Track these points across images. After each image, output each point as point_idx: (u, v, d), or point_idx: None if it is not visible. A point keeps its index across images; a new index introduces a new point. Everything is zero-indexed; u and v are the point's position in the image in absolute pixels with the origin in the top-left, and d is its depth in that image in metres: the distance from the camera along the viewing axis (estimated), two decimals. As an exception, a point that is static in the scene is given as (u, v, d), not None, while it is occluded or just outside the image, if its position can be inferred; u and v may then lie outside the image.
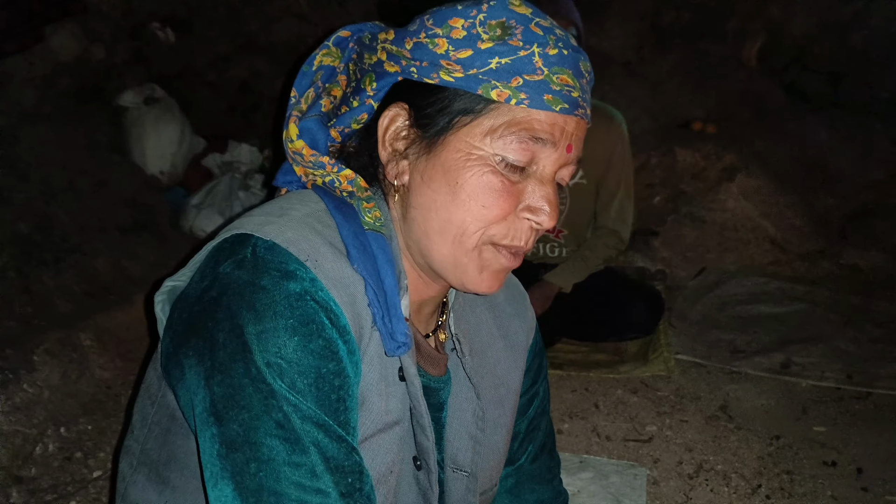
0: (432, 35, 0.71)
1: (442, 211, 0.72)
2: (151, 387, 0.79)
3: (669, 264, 2.99)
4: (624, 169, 2.32)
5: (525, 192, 0.72)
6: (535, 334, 0.98)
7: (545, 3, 2.16)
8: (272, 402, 0.62)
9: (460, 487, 0.83)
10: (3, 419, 1.61)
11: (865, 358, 2.25)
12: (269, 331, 0.63)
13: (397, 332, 0.70)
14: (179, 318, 0.69)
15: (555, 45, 0.70)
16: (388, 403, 0.74)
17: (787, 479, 1.66)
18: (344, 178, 0.75)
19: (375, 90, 0.75)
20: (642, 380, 2.12)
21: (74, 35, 2.48)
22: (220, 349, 0.64)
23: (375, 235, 0.72)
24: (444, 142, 0.71)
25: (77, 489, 1.58)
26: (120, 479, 0.83)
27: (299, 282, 0.65)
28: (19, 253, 2.07)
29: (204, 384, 0.65)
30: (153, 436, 0.78)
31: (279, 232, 0.67)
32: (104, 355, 2.00)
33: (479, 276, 0.74)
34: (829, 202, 3.14)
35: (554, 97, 0.69)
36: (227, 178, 2.84)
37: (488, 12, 0.70)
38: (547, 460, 1.01)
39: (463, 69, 0.69)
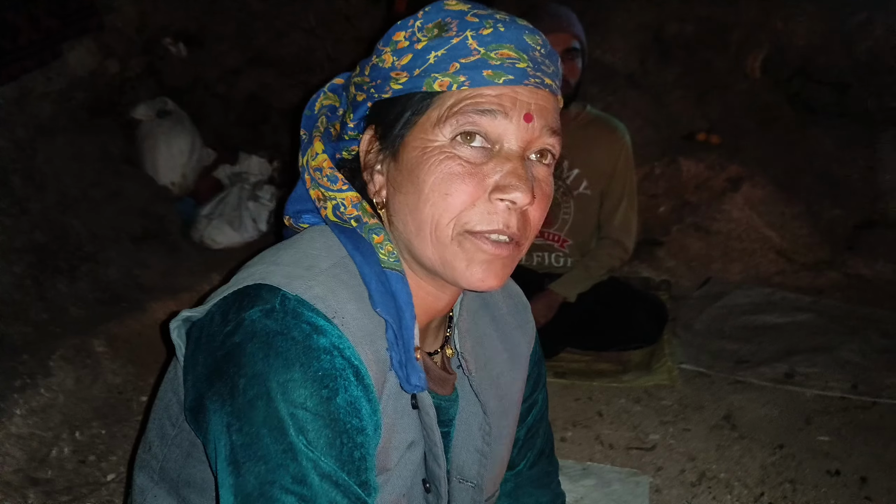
0: (380, 52, 0.74)
1: (414, 211, 0.71)
2: (171, 408, 0.79)
3: (674, 274, 2.99)
4: (627, 179, 2.35)
5: (491, 172, 0.70)
6: (535, 344, 0.99)
7: (548, 18, 2.21)
8: (291, 455, 0.61)
9: (466, 498, 0.85)
10: (21, 422, 1.65)
11: (871, 368, 2.25)
12: (295, 381, 0.62)
13: (412, 377, 0.70)
14: (203, 362, 0.69)
15: (491, 26, 0.69)
16: (404, 431, 0.75)
17: (789, 488, 1.67)
18: (349, 202, 0.75)
19: (353, 121, 0.78)
20: (646, 389, 2.13)
21: (90, 51, 2.54)
22: (240, 395, 0.63)
23: (394, 275, 0.72)
24: (403, 144, 0.73)
25: (91, 491, 1.62)
26: (138, 491, 0.84)
27: (329, 337, 0.65)
28: (36, 261, 2.13)
29: (225, 431, 0.64)
30: (173, 456, 0.79)
31: (307, 288, 0.68)
32: (116, 361, 2.04)
33: (468, 269, 0.71)
34: (834, 212, 3.14)
35: (495, 71, 0.69)
36: (237, 188, 2.89)
37: (424, 17, 0.72)
38: (545, 465, 1.03)
39: (407, 73, 0.71)
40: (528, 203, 0.70)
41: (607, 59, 3.41)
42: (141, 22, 2.84)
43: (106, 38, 2.64)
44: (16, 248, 2.09)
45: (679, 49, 3.45)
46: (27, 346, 1.91)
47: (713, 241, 3.08)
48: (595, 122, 2.35)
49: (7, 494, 1.54)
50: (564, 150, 2.51)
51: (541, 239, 2.38)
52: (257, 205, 2.87)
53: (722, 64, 3.43)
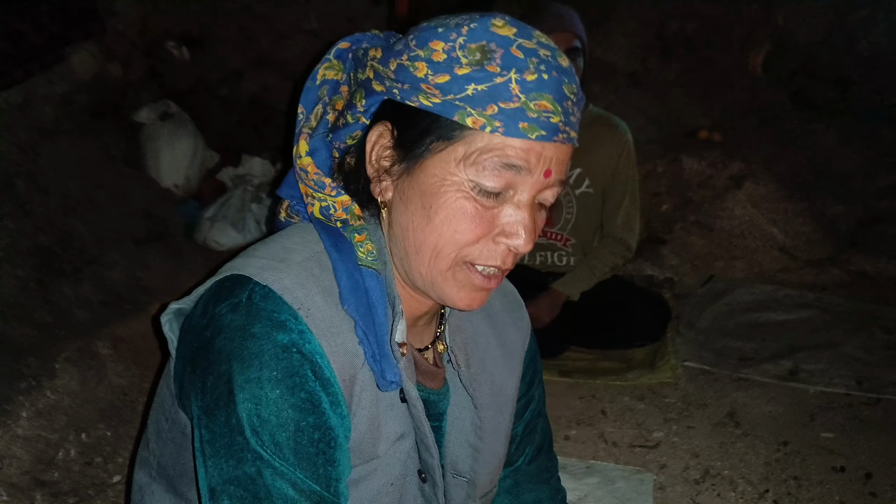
0: (414, 57, 0.71)
1: (418, 232, 0.73)
2: (164, 402, 0.82)
3: (677, 272, 2.99)
4: (629, 178, 2.35)
5: (500, 216, 0.73)
6: (530, 340, 1.00)
7: (549, 17, 2.21)
8: (247, 455, 0.66)
9: (461, 493, 0.86)
10: (27, 424, 1.66)
11: (875, 364, 2.24)
12: (253, 381, 0.66)
13: (387, 371, 0.73)
14: (184, 351, 0.74)
15: (535, 69, 0.68)
16: (393, 422, 0.77)
17: (794, 485, 1.67)
18: (339, 205, 0.77)
19: (364, 107, 0.76)
20: (649, 387, 2.13)
21: (92, 54, 2.55)
22: (208, 392, 0.68)
23: (369, 272, 0.74)
24: (422, 165, 0.72)
25: (97, 493, 1.63)
26: (136, 488, 0.87)
27: (288, 333, 0.68)
28: (40, 264, 2.13)
29: (197, 423, 0.70)
30: (168, 450, 0.81)
31: (277, 279, 0.70)
32: (121, 363, 2.05)
33: (457, 294, 0.75)
34: (837, 209, 3.13)
35: (530, 125, 0.68)
36: (240, 191, 2.90)
37: (468, 35, 0.69)
38: (544, 461, 1.04)
39: (441, 94, 0.69)
40: (527, 250, 0.74)
41: (609, 58, 3.40)
42: (143, 25, 2.85)
43: (108, 42, 2.66)
44: (20, 252, 2.10)
45: (680, 47, 3.44)
46: (32, 349, 1.92)
47: (716, 238, 3.07)
48: (597, 121, 2.35)
49: (14, 496, 1.55)
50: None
51: (543, 238, 2.39)
52: (260, 206, 2.88)
53: (724, 61, 3.43)
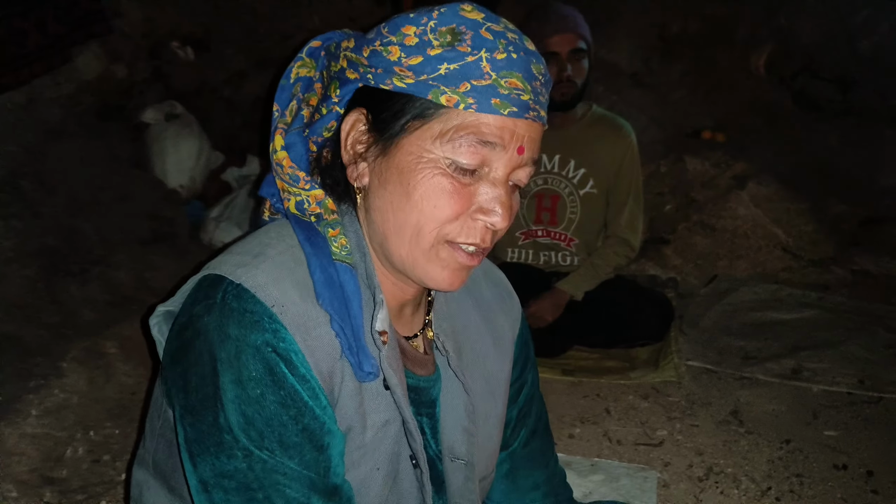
0: (387, 43, 0.73)
1: (398, 212, 0.74)
2: (157, 401, 0.85)
3: (681, 272, 3.00)
4: (633, 178, 2.36)
5: (477, 193, 0.74)
6: (520, 326, 1.01)
7: (555, 18, 2.22)
8: (236, 452, 0.69)
9: (459, 476, 0.88)
10: (36, 422, 1.68)
11: (877, 363, 2.25)
12: (235, 381, 0.68)
13: (363, 363, 0.74)
14: (168, 350, 0.75)
15: (504, 49, 0.71)
16: (379, 409, 0.79)
17: (796, 482, 1.68)
18: (313, 199, 0.78)
19: (339, 97, 0.77)
20: (653, 386, 2.14)
21: (97, 55, 2.57)
22: (192, 392, 0.70)
23: (343, 266, 0.75)
24: (398, 145, 0.74)
25: (105, 490, 1.64)
26: (135, 484, 0.89)
27: (262, 333, 0.69)
28: (47, 264, 2.15)
29: (180, 420, 0.72)
30: (161, 447, 0.83)
31: (251, 276, 0.71)
32: (128, 363, 2.06)
33: (441, 273, 0.76)
34: (840, 208, 3.14)
35: (502, 101, 0.71)
36: (245, 191, 2.91)
37: (439, 19, 0.72)
38: (539, 444, 1.04)
39: (414, 75, 0.71)
40: (504, 227, 0.75)
41: (612, 59, 3.41)
42: (148, 26, 2.86)
43: (113, 43, 2.67)
44: (28, 252, 2.12)
45: (683, 47, 3.46)
46: (40, 349, 1.93)
47: (719, 238, 3.08)
48: (601, 122, 2.36)
49: (23, 493, 1.56)
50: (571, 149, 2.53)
51: (547, 238, 2.40)
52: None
53: (726, 62, 3.44)
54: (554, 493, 1.05)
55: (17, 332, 1.97)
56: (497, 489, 1.03)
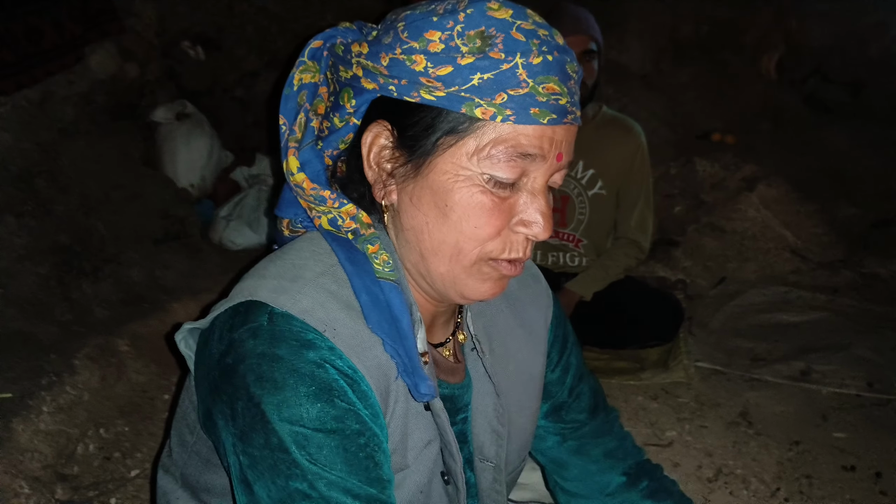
0: (408, 50, 0.67)
1: (435, 232, 0.71)
2: (188, 416, 0.81)
3: (690, 274, 3.01)
4: (643, 179, 2.36)
5: (517, 205, 0.71)
6: (553, 311, 0.99)
7: (567, 19, 2.23)
8: (295, 471, 0.64)
9: (488, 477, 0.88)
10: (49, 419, 1.69)
11: (886, 366, 2.25)
12: (289, 400, 0.64)
13: (420, 385, 0.71)
14: (205, 378, 0.71)
15: (538, 50, 0.66)
16: (420, 430, 0.77)
17: (805, 483, 1.69)
18: (346, 215, 0.74)
19: (354, 107, 0.72)
20: (663, 387, 2.15)
21: (111, 54, 2.59)
22: (239, 418, 0.66)
23: (388, 284, 0.71)
24: (431, 163, 0.70)
25: (117, 487, 1.65)
26: (161, 493, 0.87)
27: (318, 350, 0.66)
28: (60, 262, 2.17)
29: (232, 450, 0.68)
30: (193, 463, 0.81)
31: (294, 302, 0.68)
32: (139, 360, 2.08)
33: (482, 286, 0.74)
34: (850, 211, 3.15)
35: (541, 110, 0.67)
36: (255, 190, 2.93)
37: (465, 22, 0.66)
38: (603, 417, 1.03)
39: (444, 87, 0.66)
40: (546, 237, 0.72)
41: (623, 60, 3.43)
42: (160, 26, 2.88)
43: (126, 42, 2.69)
44: (41, 250, 2.14)
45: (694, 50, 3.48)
46: (53, 346, 1.95)
47: (729, 240, 3.09)
48: (611, 123, 2.36)
49: (36, 490, 1.57)
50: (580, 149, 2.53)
51: (556, 239, 2.40)
52: (275, 206, 2.91)
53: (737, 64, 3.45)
54: (629, 454, 1.03)
55: (30, 329, 1.99)
56: (572, 467, 1.01)
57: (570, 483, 1.03)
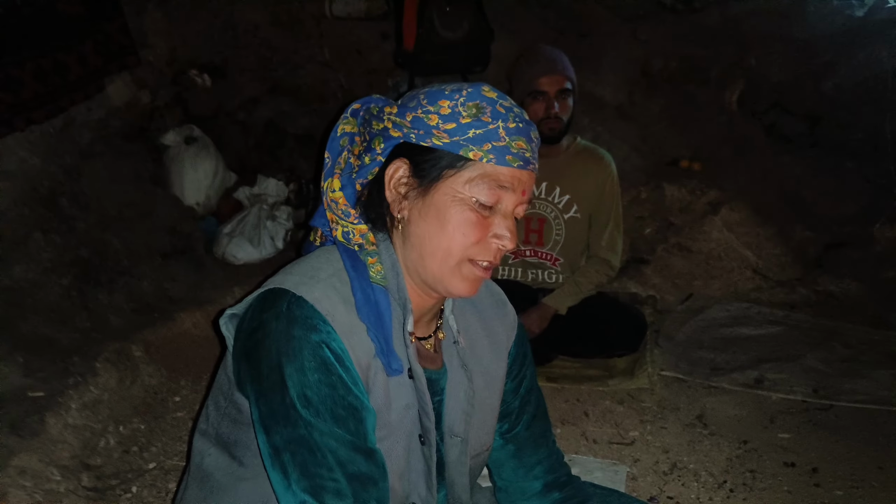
0: (426, 111, 0.96)
1: (434, 238, 0.97)
2: (223, 386, 1.06)
3: (660, 290, 3.17)
4: (613, 203, 2.57)
5: (493, 224, 0.98)
6: (517, 331, 1.24)
7: (543, 60, 2.48)
8: (300, 422, 0.89)
9: (455, 451, 1.10)
10: (77, 415, 1.87)
11: (832, 374, 2.43)
12: (298, 369, 0.89)
13: (392, 362, 0.96)
14: (240, 348, 0.96)
15: (513, 120, 0.96)
16: (402, 396, 1.01)
17: (749, 477, 1.88)
18: (357, 232, 1.00)
19: (383, 149, 1.00)
20: (628, 392, 2.33)
21: (126, 83, 2.79)
22: (264, 379, 0.91)
23: (379, 288, 0.98)
24: (435, 188, 0.97)
25: (136, 477, 1.82)
26: (196, 452, 1.10)
27: (319, 333, 0.91)
28: (80, 274, 2.35)
29: (255, 402, 0.94)
30: (225, 423, 1.05)
31: (309, 291, 0.94)
32: (152, 365, 2.25)
33: (461, 284, 0.99)
34: (806, 234, 3.32)
35: (513, 157, 0.96)
36: (256, 209, 3.11)
37: (467, 97, 0.96)
38: (539, 426, 1.25)
39: (449, 136, 0.95)
40: (512, 248, 1.00)
41: (598, 92, 3.62)
42: (171, 56, 3.09)
43: (140, 72, 2.89)
44: (64, 263, 2.32)
45: (664, 83, 3.66)
46: (75, 350, 2.12)
47: (695, 259, 3.25)
48: (584, 152, 2.59)
49: (65, 477, 1.73)
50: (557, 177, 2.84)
51: (535, 258, 2.61)
52: (275, 224, 3.09)
53: (703, 97, 3.63)
54: (554, 468, 1.25)
55: (54, 335, 2.17)
56: (506, 468, 1.23)
57: (501, 481, 1.25)
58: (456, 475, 1.11)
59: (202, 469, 1.07)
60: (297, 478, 0.89)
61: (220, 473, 1.05)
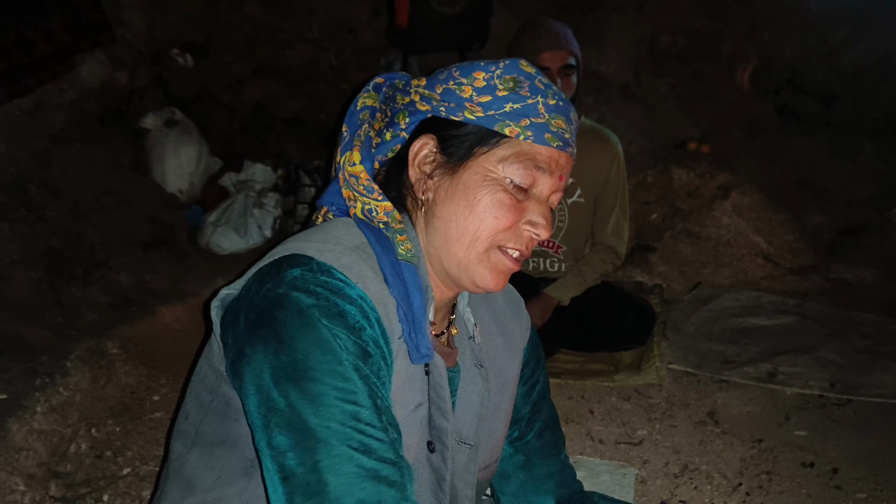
0: (459, 83, 0.89)
1: (461, 221, 0.88)
2: (207, 379, 0.92)
3: (666, 279, 3.08)
4: (619, 188, 2.44)
5: (527, 209, 0.90)
6: (530, 331, 1.13)
7: (546, 35, 2.31)
8: (337, 363, 0.75)
9: (462, 458, 0.97)
10: (43, 419, 1.74)
11: (849, 367, 2.34)
12: (333, 315, 0.77)
13: (421, 346, 0.85)
14: (245, 318, 0.82)
15: (553, 97, 0.89)
16: (411, 393, 0.88)
17: (766, 479, 1.77)
18: (382, 209, 0.90)
19: (408, 124, 0.92)
20: (635, 388, 2.22)
21: (101, 63, 2.64)
22: (287, 328, 0.76)
23: (407, 265, 0.87)
24: (465, 166, 0.89)
25: (108, 484, 1.71)
26: (174, 457, 0.95)
27: (356, 290, 0.80)
28: (52, 267, 2.22)
29: (273, 356, 0.77)
30: (209, 419, 0.91)
31: (336, 258, 0.82)
32: (129, 363, 2.13)
33: (489, 275, 0.90)
34: (819, 219, 3.23)
35: (552, 136, 0.88)
36: (242, 196, 2.99)
37: (504, 69, 0.89)
38: (551, 436, 1.14)
39: (483, 110, 0.88)
40: (546, 237, 0.91)
41: (602, 71, 3.50)
42: (149, 34, 2.94)
43: (116, 51, 2.75)
44: (33, 255, 2.19)
45: (672, 61, 3.55)
46: (46, 348, 2.00)
47: (703, 246, 3.17)
48: (588, 133, 2.44)
49: (31, 487, 1.62)
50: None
51: (536, 245, 2.48)
52: (262, 212, 2.96)
53: (713, 75, 3.53)
54: (566, 483, 1.14)
55: (22, 332, 2.05)
56: (514, 480, 1.12)
57: (505, 496, 1.13)
58: (461, 486, 0.98)
59: (182, 475, 0.94)
60: (355, 461, 0.73)
61: (202, 480, 0.91)
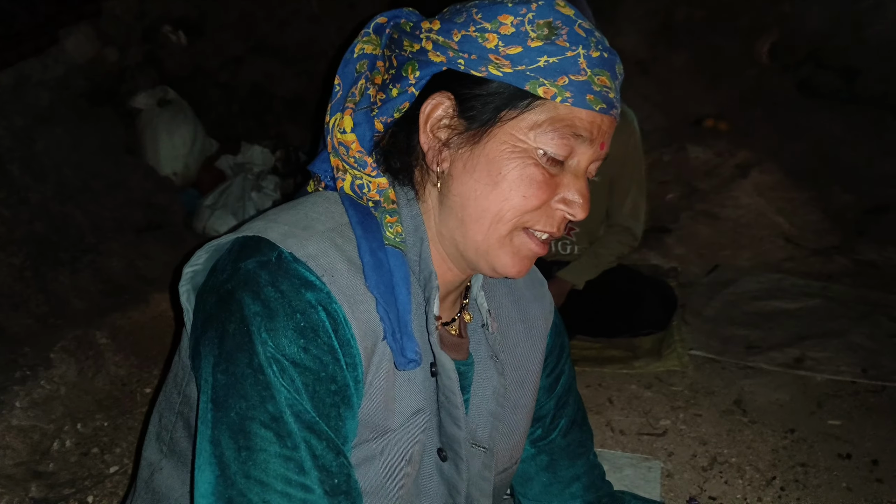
0: (481, 29, 0.72)
1: (481, 199, 0.74)
2: (178, 376, 0.81)
3: (683, 261, 2.98)
4: (636, 166, 2.32)
5: (561, 184, 0.75)
6: (554, 317, 0.99)
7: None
8: (269, 395, 0.65)
9: (477, 463, 0.84)
10: (23, 415, 1.64)
11: (881, 352, 2.23)
12: (277, 329, 0.66)
13: (407, 349, 0.72)
14: (201, 310, 0.72)
15: (596, 47, 0.72)
16: (410, 397, 0.76)
17: (801, 472, 1.66)
18: (375, 186, 0.77)
19: (418, 79, 0.75)
20: (656, 375, 2.12)
21: (88, 38, 2.52)
22: (228, 339, 0.67)
23: (394, 252, 0.74)
24: (489, 133, 0.73)
25: (94, 484, 1.60)
26: (146, 465, 0.84)
27: (316, 292, 0.67)
28: (35, 252, 2.11)
29: (212, 371, 0.68)
30: (180, 426, 0.80)
31: (301, 246, 0.70)
32: (119, 353, 2.02)
33: (511, 260, 0.76)
34: (844, 198, 3.12)
35: (595, 97, 0.72)
36: (240, 179, 2.88)
37: (537, 11, 0.72)
38: (578, 434, 1.02)
39: (511, 65, 0.71)
40: (583, 217, 0.76)
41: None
42: (140, 9, 2.82)
43: (104, 26, 2.63)
44: (15, 240, 2.08)
45: (688, 35, 3.44)
46: (28, 339, 1.90)
47: (722, 227, 3.06)
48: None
49: (8, 488, 1.52)
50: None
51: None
52: (261, 195, 2.85)
53: (731, 50, 3.42)
54: (595, 486, 1.02)
55: (2, 322, 1.93)
56: (536, 483, 1.00)
57: (527, 501, 1.03)
58: (475, 494, 0.85)
59: (151, 487, 0.82)
60: (243, 475, 0.64)
61: (174, 493, 0.80)
